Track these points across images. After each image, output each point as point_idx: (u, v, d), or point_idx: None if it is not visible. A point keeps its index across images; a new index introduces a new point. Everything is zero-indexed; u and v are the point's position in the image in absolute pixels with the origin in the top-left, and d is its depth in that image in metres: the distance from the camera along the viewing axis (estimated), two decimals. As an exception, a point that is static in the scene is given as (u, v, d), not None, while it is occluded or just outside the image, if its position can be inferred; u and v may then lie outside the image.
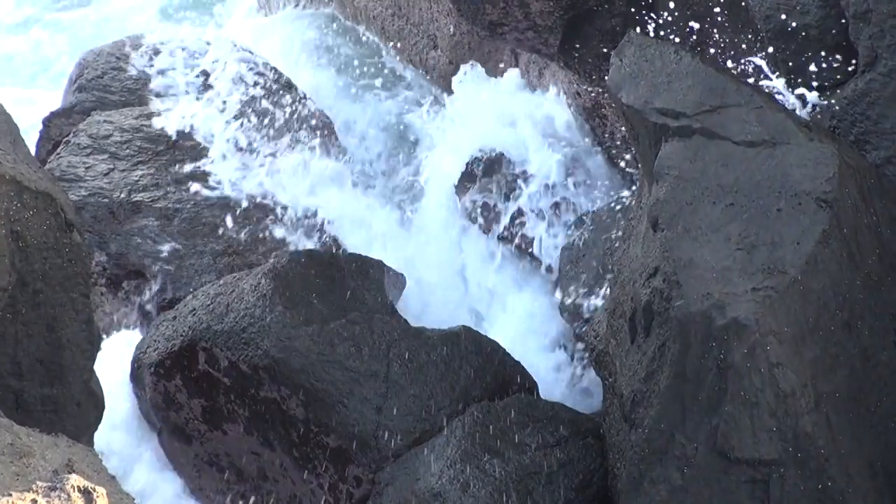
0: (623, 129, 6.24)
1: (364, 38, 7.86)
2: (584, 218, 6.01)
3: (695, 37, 5.15)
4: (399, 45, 7.54)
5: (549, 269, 6.04)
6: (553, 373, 5.75)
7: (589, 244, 5.81)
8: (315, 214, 6.18)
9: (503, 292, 6.08)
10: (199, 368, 4.87)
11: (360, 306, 5.12)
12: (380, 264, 5.45)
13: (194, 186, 6.08)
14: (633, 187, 5.93)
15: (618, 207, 5.79)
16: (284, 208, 6.09)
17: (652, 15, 5.38)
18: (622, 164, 6.17)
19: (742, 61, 4.81)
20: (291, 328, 4.72)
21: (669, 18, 5.24)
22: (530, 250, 6.17)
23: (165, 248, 5.78)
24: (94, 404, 4.01)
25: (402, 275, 5.90)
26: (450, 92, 6.73)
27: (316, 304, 4.94)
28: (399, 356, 4.73)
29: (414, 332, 4.86)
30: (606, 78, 4.40)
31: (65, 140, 6.31)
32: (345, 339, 4.72)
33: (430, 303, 6.35)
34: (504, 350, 5.02)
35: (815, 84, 4.48)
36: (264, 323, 4.74)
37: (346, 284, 5.16)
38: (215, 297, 4.99)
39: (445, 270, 6.23)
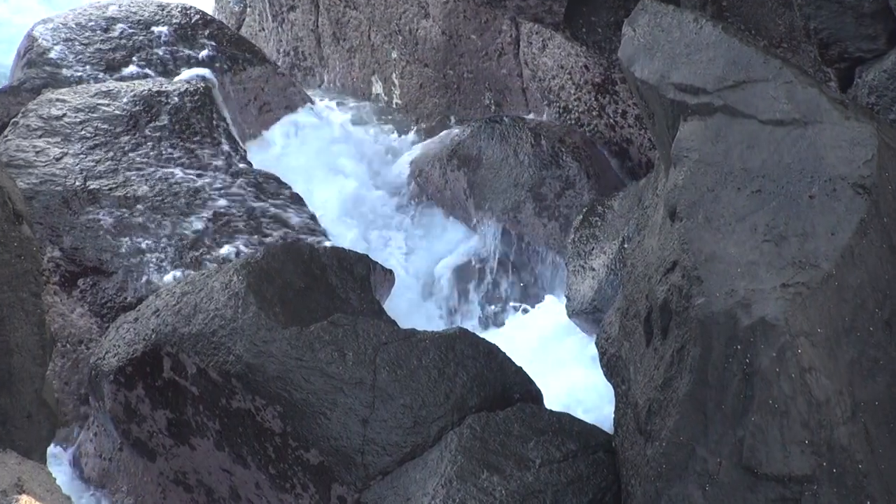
0: (637, 107, 6.23)
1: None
2: (594, 206, 6.01)
3: (716, 4, 5.14)
4: (386, 12, 7.52)
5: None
6: (560, 379, 5.75)
7: (599, 236, 5.81)
8: (300, 202, 6.20)
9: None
10: (163, 376, 4.86)
11: (343, 306, 5.11)
12: (366, 259, 5.45)
13: (158, 173, 6.07)
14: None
15: (631, 195, 5.78)
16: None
17: (669, -21, 5.36)
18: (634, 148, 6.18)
19: (770, 31, 4.79)
20: (267, 331, 4.71)
21: (688, -17, 5.23)
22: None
23: (125, 241, 5.76)
24: (46, 416, 3.99)
25: (390, 271, 5.90)
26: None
27: (294, 304, 4.93)
28: (387, 362, 4.73)
29: (404, 335, 4.86)
30: (618, 50, 4.38)
31: (12, 121, 6.28)
32: (326, 342, 4.71)
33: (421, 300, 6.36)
34: (504, 354, 5.02)
35: (851, 56, 4.46)
36: (236, 325, 4.73)
37: (329, 282, 5.15)
38: (182, 297, 4.98)
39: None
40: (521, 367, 5.02)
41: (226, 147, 6.61)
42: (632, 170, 6.63)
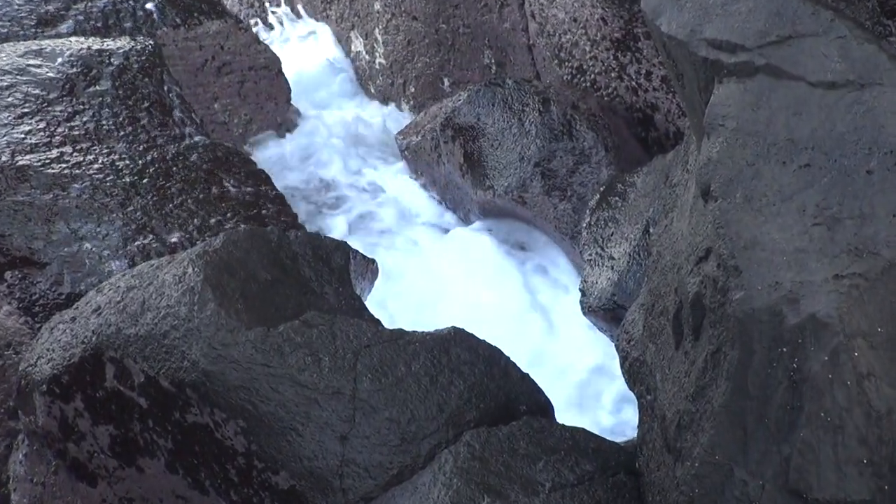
0: (663, 67, 6.21)
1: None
2: (614, 184, 6.01)
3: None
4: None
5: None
6: (573, 388, 5.76)
7: (619, 219, 5.80)
8: (266, 181, 6.21)
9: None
10: (106, 386, 4.85)
11: (318, 302, 5.11)
12: (344, 247, 5.44)
13: (99, 147, 6.05)
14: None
15: (657, 170, 5.79)
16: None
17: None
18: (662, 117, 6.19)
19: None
20: (227, 332, 4.69)
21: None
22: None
23: (61, 227, 5.74)
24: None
25: (373, 261, 5.89)
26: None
27: (260, 300, 4.93)
28: (370, 368, 4.72)
29: (389, 337, 4.84)
30: (641, -1, 4.38)
31: (-74, 85, 6.26)
32: (298, 345, 4.70)
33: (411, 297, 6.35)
34: (508, 359, 5.01)
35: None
36: (192, 325, 4.72)
37: (301, 274, 5.14)
38: (127, 292, 4.96)
39: None
40: (527, 375, 5.02)
41: (179, 115, 6.58)
42: (658, 141, 6.62)
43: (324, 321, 4.83)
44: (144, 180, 6.08)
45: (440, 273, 6.70)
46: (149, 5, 7.24)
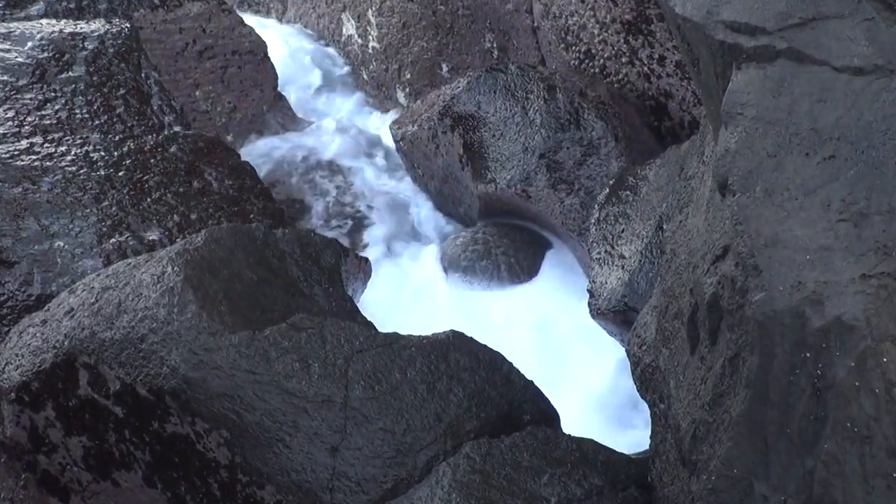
0: (677, 52, 6.21)
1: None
2: (625, 177, 6.01)
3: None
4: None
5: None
6: (580, 397, 5.74)
7: (630, 214, 5.80)
8: (251, 174, 6.20)
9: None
10: (79, 394, 4.84)
11: (307, 304, 5.11)
12: (335, 245, 5.44)
13: (72, 137, 6.04)
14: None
15: (671, 162, 5.78)
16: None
17: None
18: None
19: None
20: (210, 336, 4.69)
21: None
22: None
23: (30, 223, 5.74)
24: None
25: (366, 259, 5.89)
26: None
27: (245, 302, 4.93)
28: (362, 374, 4.72)
29: (383, 341, 4.85)
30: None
31: None
32: (285, 350, 4.70)
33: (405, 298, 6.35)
34: (511, 364, 5.02)
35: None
36: (171, 329, 4.72)
37: (289, 274, 5.14)
38: (102, 293, 4.96)
39: None
40: (531, 381, 5.02)
41: (157, 104, 6.57)
42: (672, 130, 6.62)
43: (313, 324, 4.82)
44: (120, 173, 6.07)
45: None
46: (126, -15, 7.25)
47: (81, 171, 6.01)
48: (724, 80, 4.13)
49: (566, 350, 6.35)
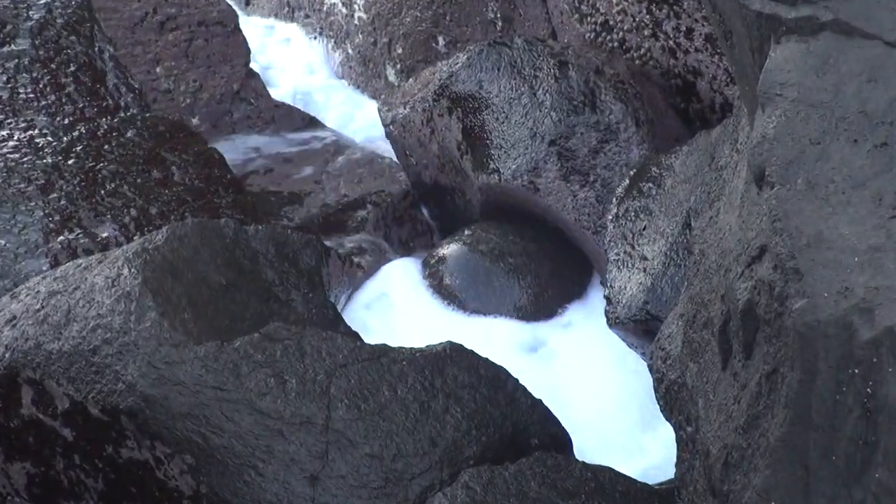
0: (707, 23, 6.19)
1: None
2: (647, 167, 6.00)
3: None
4: None
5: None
6: (596, 418, 5.77)
7: (653, 209, 5.80)
8: (219, 164, 6.17)
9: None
10: (22, 413, 4.84)
11: (283, 312, 5.11)
12: (316, 245, 5.44)
13: (14, 121, 6.04)
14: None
15: (700, 150, 5.78)
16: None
17: None
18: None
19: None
20: (172, 347, 4.69)
21: None
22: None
23: (-34, 219, 5.74)
24: None
25: (351, 259, 5.89)
26: None
27: (212, 309, 4.94)
28: (346, 392, 4.72)
29: (370, 354, 4.85)
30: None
31: None
32: (258, 364, 4.70)
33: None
34: (516, 381, 5.04)
35: None
36: (128, 339, 4.71)
37: (262, 277, 5.14)
38: (49, 298, 4.96)
39: None
40: (539, 400, 5.03)
41: (113, 82, 6.57)
42: (700, 114, 6.62)
43: (290, 335, 4.81)
44: (70, 161, 6.06)
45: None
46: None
47: (25, 159, 6.00)
48: (760, 56, 4.12)
49: (578, 363, 6.35)
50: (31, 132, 6.17)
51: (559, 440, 4.99)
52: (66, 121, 6.30)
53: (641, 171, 6.06)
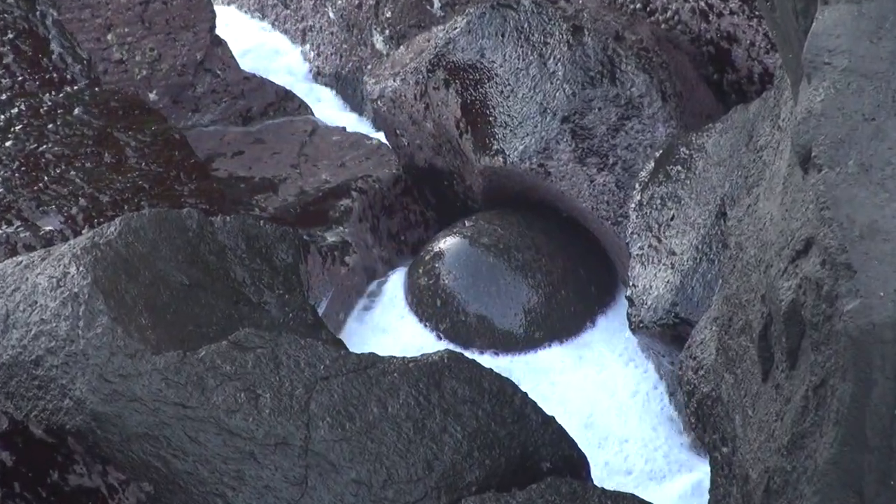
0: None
1: None
2: (675, 147, 6.00)
3: None
4: None
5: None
6: (615, 436, 5.80)
7: (682, 196, 5.79)
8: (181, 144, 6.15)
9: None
10: (-46, 434, 4.84)
11: (255, 316, 5.11)
12: (292, 238, 5.42)
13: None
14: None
15: (735, 128, 5.77)
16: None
17: None
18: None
19: None
20: (127, 357, 4.70)
21: None
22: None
23: None
24: None
25: (333, 256, 5.88)
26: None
27: (173, 313, 4.94)
28: (329, 409, 4.73)
29: (356, 364, 4.86)
30: None
31: None
32: (227, 377, 4.71)
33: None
34: (525, 395, 5.04)
35: None
36: (76, 348, 4.72)
37: (231, 275, 5.13)
38: (-16, 302, 4.96)
39: None
40: (552, 417, 5.04)
41: (58, 51, 6.56)
42: (736, 86, 6.62)
43: (263, 342, 4.82)
44: (8, 143, 6.06)
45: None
46: None
47: (-43, 141, 6.00)
48: (805, 18, 4.12)
49: (594, 374, 6.36)
50: (-38, 109, 6.19)
51: (575, 463, 5.00)
52: (3, 96, 6.30)
53: (668, 152, 6.05)
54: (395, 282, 6.89)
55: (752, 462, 4.05)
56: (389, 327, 6.69)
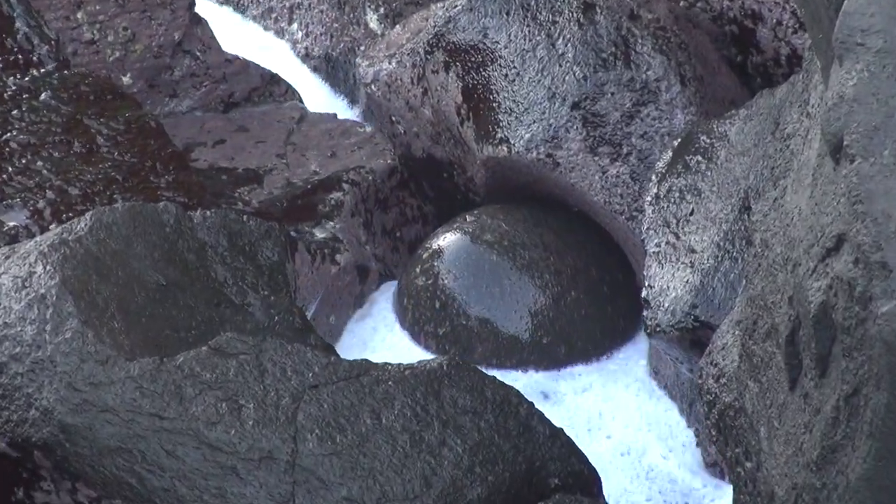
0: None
1: None
2: (695, 136, 6.00)
3: None
4: None
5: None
6: (629, 449, 5.86)
7: (703, 189, 5.80)
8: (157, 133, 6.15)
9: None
10: None
11: (238, 319, 5.11)
12: (277, 234, 5.43)
13: None
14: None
15: (760, 115, 5.77)
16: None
17: None
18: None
19: None
20: (98, 364, 4.70)
21: None
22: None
23: None
24: None
25: (324, 253, 5.88)
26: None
27: (148, 317, 4.95)
28: (318, 420, 4.74)
29: (348, 372, 4.87)
30: None
31: None
32: (207, 385, 4.71)
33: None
34: (531, 405, 5.06)
35: None
36: (43, 354, 4.73)
37: (211, 275, 5.15)
38: (-59, 304, 4.94)
39: None
40: (561, 430, 5.05)
41: (23, 31, 6.56)
42: (762, 69, 6.63)
43: (246, 348, 4.82)
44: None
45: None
46: None
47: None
48: (837, -4, 4.11)
49: (605, 383, 6.38)
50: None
51: (585, 479, 5.01)
52: (-37, 80, 6.31)
53: (688, 140, 6.07)
54: (390, 282, 6.90)
55: (779, 478, 4.06)
56: (384, 332, 6.70)
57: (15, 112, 6.27)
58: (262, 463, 4.65)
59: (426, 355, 6.26)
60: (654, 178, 6.10)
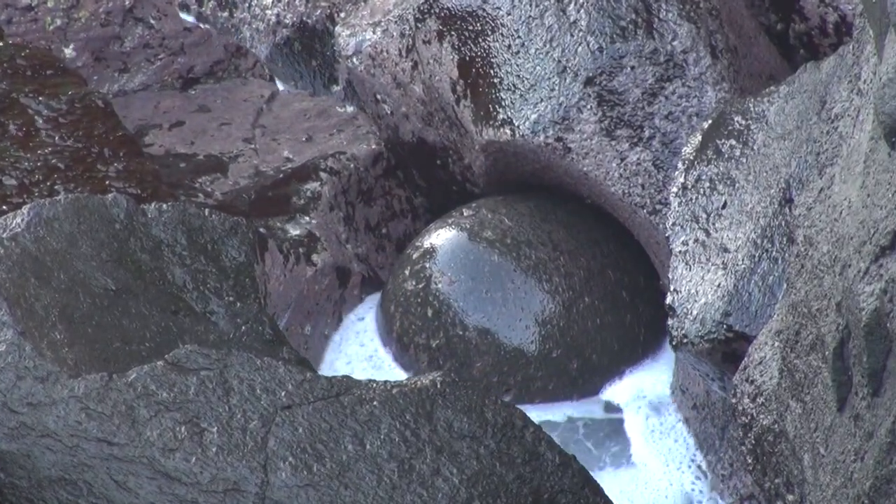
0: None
1: None
2: (727, 117, 6.01)
3: None
4: None
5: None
6: (648, 476, 5.89)
7: (737, 178, 5.81)
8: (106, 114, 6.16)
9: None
10: None
11: (199, 328, 5.12)
12: (244, 231, 5.44)
13: None
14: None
15: (803, 93, 5.79)
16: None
17: None
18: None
19: None
20: (38, 382, 4.71)
21: None
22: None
23: None
24: None
25: (297, 255, 5.89)
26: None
27: (96, 326, 4.95)
28: (292, 446, 4.76)
29: (326, 390, 4.89)
30: None
31: None
32: (163, 406, 4.73)
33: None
34: (537, 428, 5.07)
35: None
36: (-26, 371, 4.73)
37: (168, 278, 5.15)
38: None
39: None
40: (572, 457, 5.07)
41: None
42: (805, 38, 6.63)
43: (209, 363, 4.84)
44: None
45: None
46: None
47: None
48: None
49: (624, 402, 6.40)
50: None
51: (597, 509, 5.04)
52: None
53: (719, 122, 6.07)
54: (375, 287, 6.91)
55: (826, 512, 4.07)
56: (367, 344, 6.71)
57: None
58: (227, 496, 4.67)
59: (417, 371, 6.27)
60: (680, 165, 6.10)
